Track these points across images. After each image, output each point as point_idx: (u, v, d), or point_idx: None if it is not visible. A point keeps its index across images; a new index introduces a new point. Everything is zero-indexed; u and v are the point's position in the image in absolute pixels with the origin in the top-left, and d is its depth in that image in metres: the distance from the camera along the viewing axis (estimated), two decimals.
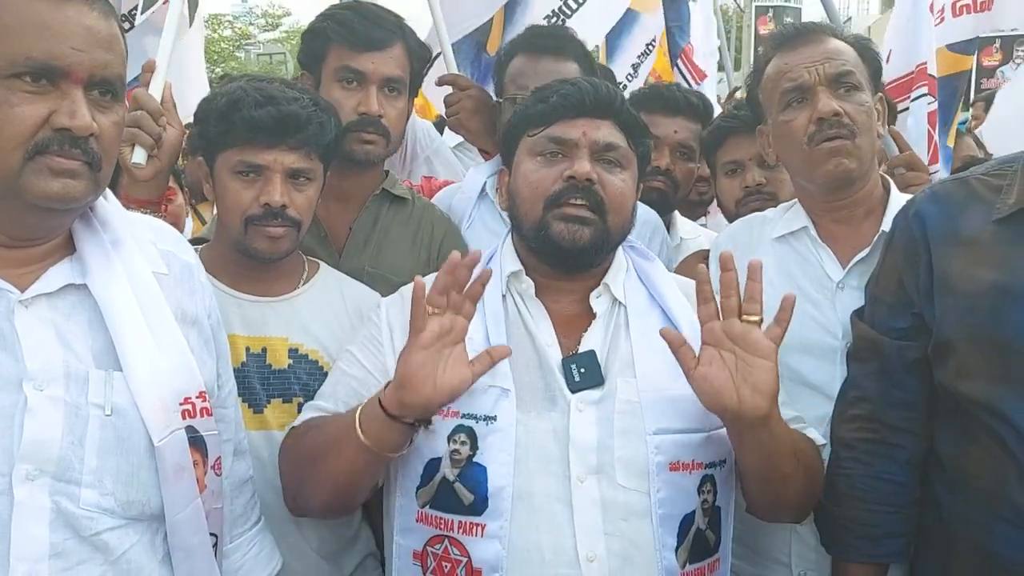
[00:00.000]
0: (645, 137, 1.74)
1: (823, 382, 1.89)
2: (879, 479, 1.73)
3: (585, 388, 1.58)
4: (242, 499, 1.62)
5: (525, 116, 1.70)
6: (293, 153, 1.84)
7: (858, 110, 1.88)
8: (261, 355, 1.90)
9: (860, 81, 1.91)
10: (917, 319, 1.68)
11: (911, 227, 1.70)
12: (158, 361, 1.31)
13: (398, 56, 2.19)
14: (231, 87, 1.89)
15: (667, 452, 1.54)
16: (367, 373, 1.66)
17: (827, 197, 1.96)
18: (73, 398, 1.25)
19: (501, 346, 1.50)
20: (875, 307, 1.78)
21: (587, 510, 1.50)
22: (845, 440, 1.79)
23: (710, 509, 1.59)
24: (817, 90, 1.88)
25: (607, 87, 1.69)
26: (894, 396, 1.73)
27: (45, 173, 1.21)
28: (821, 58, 1.90)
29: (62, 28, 1.21)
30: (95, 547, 1.25)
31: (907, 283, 1.69)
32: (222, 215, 1.91)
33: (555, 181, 1.62)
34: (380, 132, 2.17)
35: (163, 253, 1.44)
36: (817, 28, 2.00)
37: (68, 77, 1.21)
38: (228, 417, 1.56)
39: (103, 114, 1.26)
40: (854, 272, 1.92)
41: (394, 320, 1.69)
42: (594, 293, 1.69)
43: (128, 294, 1.32)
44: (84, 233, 1.34)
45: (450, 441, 1.52)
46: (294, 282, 1.99)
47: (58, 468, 1.22)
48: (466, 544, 1.51)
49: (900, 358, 1.71)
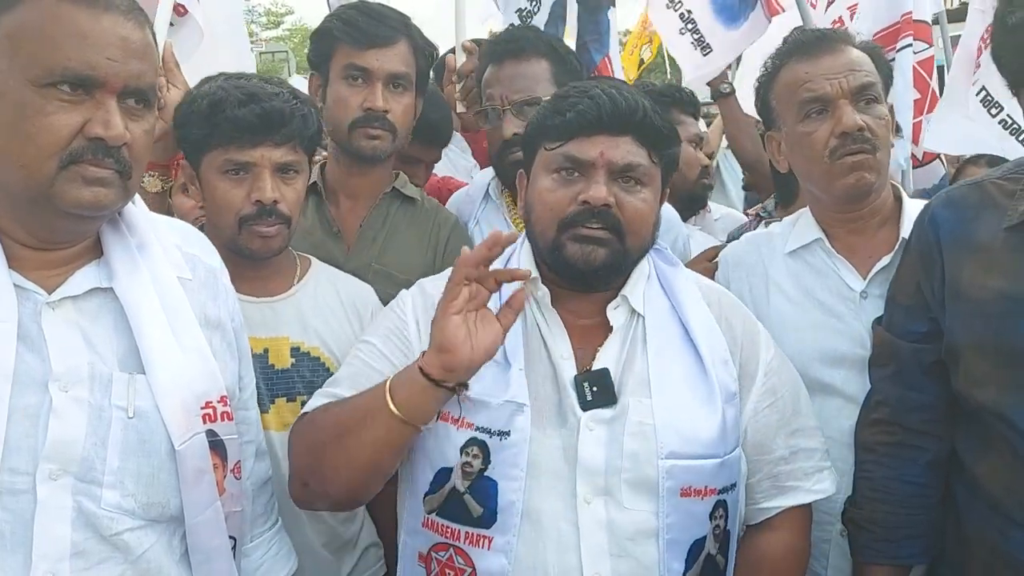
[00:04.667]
0: (670, 147, 1.65)
1: (857, 392, 1.87)
2: (900, 481, 1.74)
3: (597, 407, 1.55)
4: (262, 499, 1.65)
5: (542, 128, 1.63)
6: (279, 148, 1.85)
7: (878, 123, 1.85)
8: (263, 356, 1.92)
9: (879, 93, 1.88)
10: (934, 324, 1.68)
11: (927, 231, 1.69)
12: (180, 365, 1.34)
13: (403, 53, 2.20)
14: (210, 87, 1.89)
15: (678, 477, 1.50)
16: (392, 367, 1.59)
17: (842, 208, 1.94)
18: (97, 400, 1.27)
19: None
20: (893, 311, 1.78)
21: (593, 532, 1.49)
22: (866, 444, 1.80)
23: (722, 534, 1.56)
24: (840, 103, 1.84)
25: (627, 99, 1.58)
26: (912, 399, 1.73)
27: (78, 182, 1.23)
28: (844, 70, 1.85)
29: (99, 39, 1.23)
30: (115, 547, 1.27)
31: (924, 288, 1.69)
32: (213, 216, 1.91)
33: (570, 203, 1.56)
34: (386, 127, 2.18)
35: (188, 257, 1.46)
36: (837, 37, 1.95)
37: (103, 87, 1.23)
38: (250, 419, 1.58)
39: (135, 122, 1.28)
40: (876, 281, 1.90)
41: (419, 313, 1.66)
42: (611, 305, 1.64)
43: (153, 298, 1.34)
44: (112, 237, 1.36)
45: (463, 453, 1.51)
46: (289, 280, 2.01)
47: (81, 468, 1.24)
48: (472, 555, 1.50)
49: (916, 361, 1.71)
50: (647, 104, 1.60)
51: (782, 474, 1.68)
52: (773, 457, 1.67)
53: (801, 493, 1.69)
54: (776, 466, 1.68)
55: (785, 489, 1.69)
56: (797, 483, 1.69)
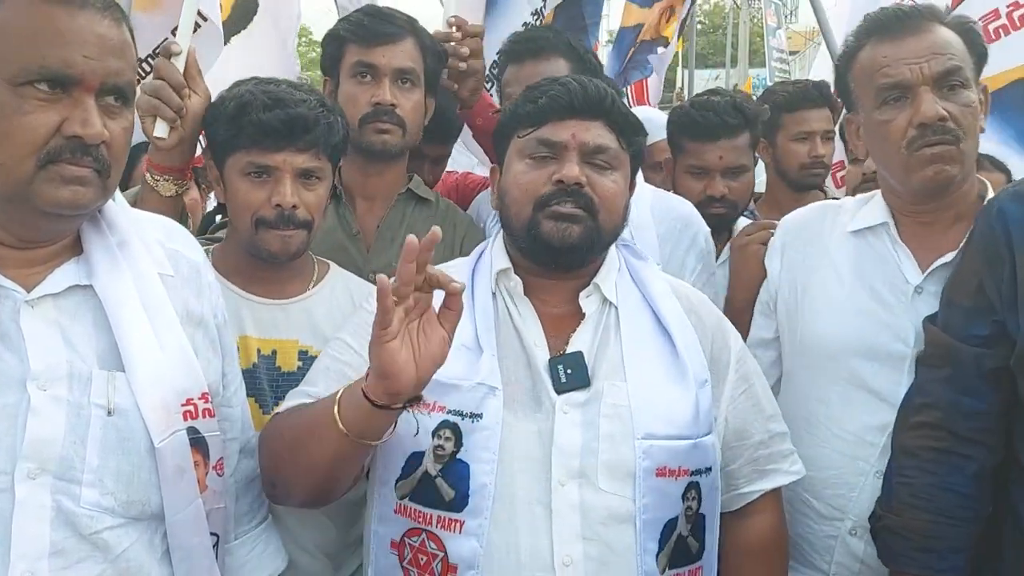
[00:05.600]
0: (637, 135, 1.70)
1: (885, 389, 1.81)
2: (944, 489, 1.66)
3: (571, 390, 1.57)
4: (248, 497, 1.64)
5: (515, 116, 1.69)
6: (302, 154, 1.86)
7: (964, 112, 1.73)
8: (271, 357, 1.92)
9: (967, 77, 1.74)
10: (998, 327, 1.59)
11: (994, 227, 1.60)
12: (161, 362, 1.33)
13: (409, 49, 2.24)
14: (239, 90, 1.91)
15: (655, 457, 1.53)
16: (360, 358, 1.59)
17: (919, 200, 1.84)
18: (76, 398, 1.26)
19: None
20: (951, 312, 1.69)
21: (566, 514, 1.50)
22: (908, 448, 1.71)
23: (694, 516, 1.58)
24: (920, 91, 1.72)
25: (597, 86, 1.65)
26: (965, 405, 1.65)
27: (56, 181, 1.23)
28: (927, 54, 1.72)
29: (75, 36, 1.23)
30: (95, 545, 1.26)
31: (988, 287, 1.60)
32: (233, 216, 1.94)
33: (544, 184, 1.61)
34: (395, 122, 2.20)
35: (170, 253, 1.46)
36: (922, 14, 1.78)
37: (81, 85, 1.23)
38: (234, 416, 1.58)
39: (113, 120, 1.28)
40: (934, 277, 1.80)
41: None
42: (583, 293, 1.68)
43: (133, 295, 1.34)
44: (92, 234, 1.36)
45: (435, 436, 1.52)
46: (305, 283, 2.01)
47: (59, 467, 1.24)
48: (443, 539, 1.51)
49: (976, 366, 1.63)
50: (614, 93, 1.67)
51: (762, 458, 1.72)
52: (753, 442, 1.71)
53: (780, 475, 1.74)
54: (756, 450, 1.72)
55: (766, 472, 1.73)
56: (776, 465, 1.74)
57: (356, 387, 1.41)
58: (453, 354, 1.47)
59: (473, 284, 1.67)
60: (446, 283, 1.36)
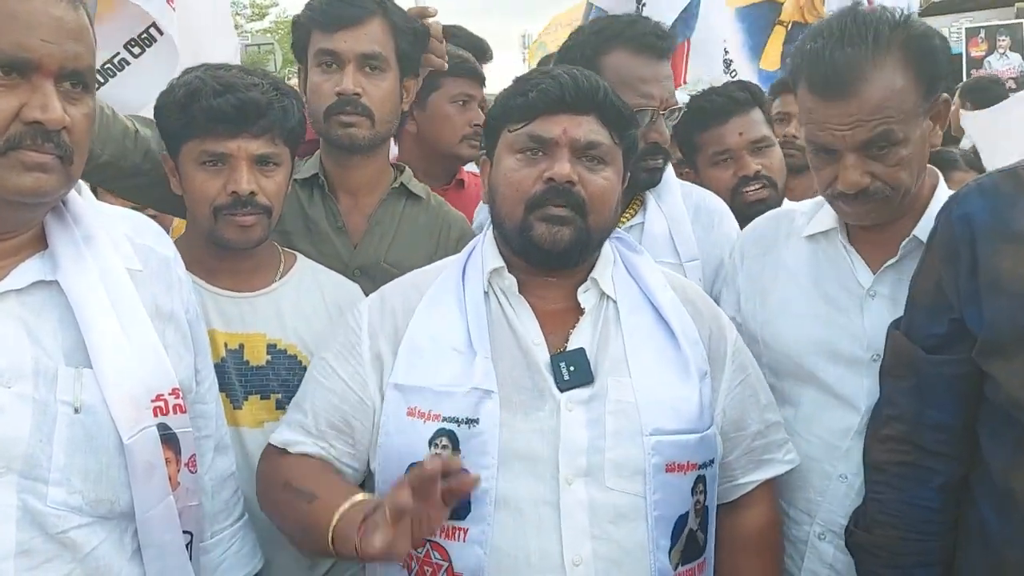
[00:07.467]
0: (630, 128, 1.66)
1: (849, 393, 1.80)
2: (911, 505, 1.65)
3: (574, 387, 1.54)
4: (224, 495, 1.61)
5: (506, 109, 1.64)
6: (256, 140, 1.81)
7: (893, 171, 1.68)
8: (239, 351, 1.89)
9: (902, 135, 1.65)
10: (956, 325, 1.57)
11: (953, 225, 1.58)
12: (129, 358, 1.30)
13: (374, 32, 2.11)
14: (188, 77, 1.86)
15: (664, 453, 1.51)
16: (346, 387, 1.61)
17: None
18: (42, 395, 1.23)
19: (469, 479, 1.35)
20: (912, 312, 1.68)
21: (574, 513, 1.48)
22: (877, 463, 1.70)
23: (701, 509, 1.58)
24: (845, 156, 1.68)
25: (589, 78, 1.61)
26: (929, 416, 1.62)
27: (18, 168, 1.20)
28: (851, 122, 1.65)
29: (31, 19, 1.19)
30: (62, 545, 1.24)
31: (946, 285, 1.59)
32: (191, 207, 1.89)
33: (535, 182, 1.57)
34: (361, 112, 2.09)
35: (139, 248, 1.43)
36: (851, 74, 1.64)
37: (39, 70, 1.20)
38: (208, 412, 1.55)
39: (74, 106, 1.24)
40: (884, 279, 1.79)
41: (375, 325, 1.65)
42: (581, 288, 1.65)
43: (99, 290, 1.31)
44: (56, 228, 1.32)
45: (431, 445, 1.49)
46: (271, 275, 1.97)
47: (25, 466, 1.21)
48: (448, 548, 1.48)
49: (937, 375, 1.61)
50: (607, 85, 1.63)
51: (758, 448, 1.72)
52: (750, 432, 1.70)
53: (776, 465, 1.75)
54: (753, 440, 1.71)
55: (762, 463, 1.73)
56: (772, 455, 1.74)
57: (353, 525, 1.36)
58: (445, 358, 1.49)
59: (464, 283, 1.64)
60: (465, 484, 1.34)
